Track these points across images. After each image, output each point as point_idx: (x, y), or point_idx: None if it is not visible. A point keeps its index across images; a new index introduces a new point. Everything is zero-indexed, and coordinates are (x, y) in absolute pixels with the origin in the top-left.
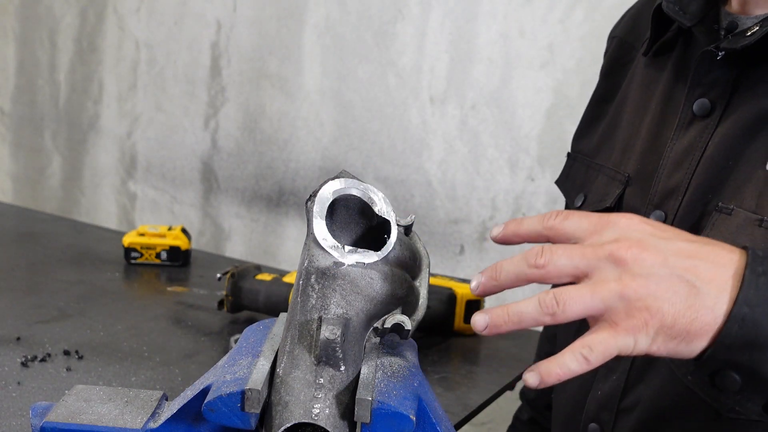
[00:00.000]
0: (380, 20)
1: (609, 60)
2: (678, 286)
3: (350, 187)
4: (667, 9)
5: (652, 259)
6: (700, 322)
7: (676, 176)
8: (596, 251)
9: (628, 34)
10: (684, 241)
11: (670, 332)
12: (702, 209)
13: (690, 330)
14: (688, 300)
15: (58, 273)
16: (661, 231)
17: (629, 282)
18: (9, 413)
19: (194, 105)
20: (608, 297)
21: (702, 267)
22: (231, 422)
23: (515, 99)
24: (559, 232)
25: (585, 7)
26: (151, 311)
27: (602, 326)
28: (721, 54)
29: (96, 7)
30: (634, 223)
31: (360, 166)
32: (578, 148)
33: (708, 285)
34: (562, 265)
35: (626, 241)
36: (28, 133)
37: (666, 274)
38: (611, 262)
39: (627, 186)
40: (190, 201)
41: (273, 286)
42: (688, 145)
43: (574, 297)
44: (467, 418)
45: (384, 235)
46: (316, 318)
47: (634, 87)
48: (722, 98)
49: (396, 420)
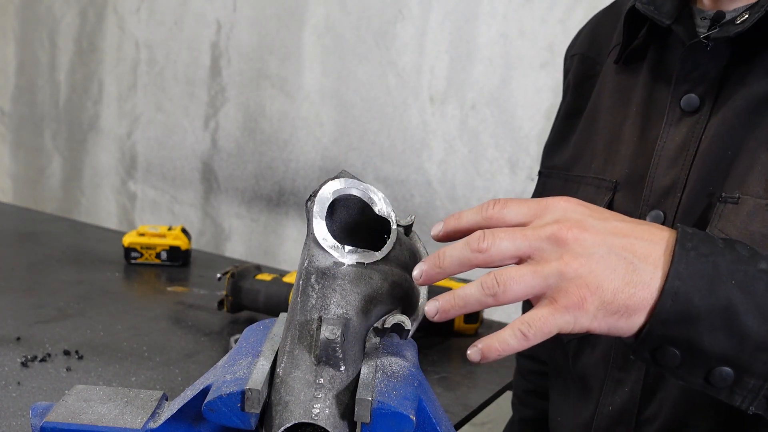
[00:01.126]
0: (380, 20)
1: (574, 77)
2: (616, 264)
3: (350, 187)
4: (643, 10)
5: (591, 239)
6: (637, 297)
7: (671, 174)
8: (537, 233)
9: (588, 50)
10: (619, 221)
11: (610, 307)
12: (705, 203)
13: (629, 305)
14: (626, 276)
15: (58, 273)
16: (599, 213)
17: (570, 261)
18: (9, 413)
19: (194, 105)
20: (549, 276)
21: (638, 244)
22: (231, 422)
23: (515, 99)
24: (499, 221)
25: (585, 7)
26: (151, 311)
27: (542, 304)
28: (711, 44)
29: (96, 7)
30: (572, 206)
31: (360, 166)
32: (551, 164)
33: (644, 261)
34: (505, 248)
35: (566, 222)
36: (28, 133)
37: (605, 252)
38: (552, 242)
39: (615, 192)
40: (190, 201)
41: (273, 286)
42: (681, 141)
43: (515, 277)
44: (467, 418)
45: (384, 235)
46: (316, 318)
47: (605, 95)
48: (711, 91)
49: (396, 420)
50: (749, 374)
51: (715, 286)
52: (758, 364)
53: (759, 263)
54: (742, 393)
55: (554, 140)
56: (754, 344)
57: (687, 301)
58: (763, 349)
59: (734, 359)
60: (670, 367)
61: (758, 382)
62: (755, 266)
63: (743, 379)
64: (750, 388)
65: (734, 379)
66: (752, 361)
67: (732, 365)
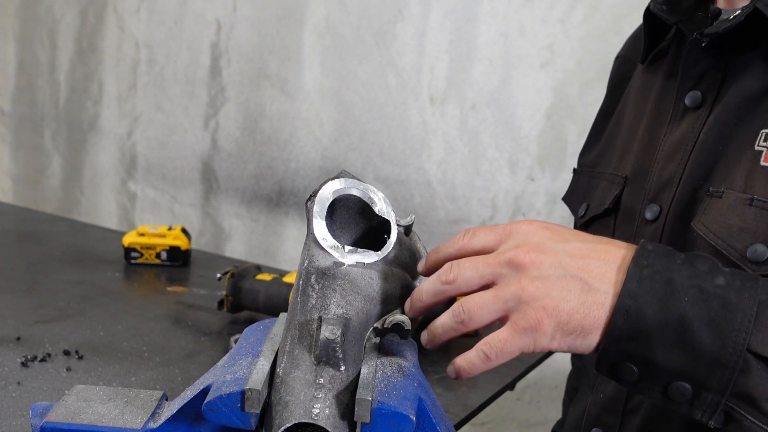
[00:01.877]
0: (380, 20)
1: (612, 77)
2: (572, 285)
3: (350, 187)
4: (654, 9)
5: (548, 262)
6: (592, 317)
7: (670, 168)
8: (498, 258)
9: (629, 52)
10: (579, 242)
11: (566, 328)
12: (695, 196)
13: (584, 325)
14: (581, 297)
15: (58, 273)
16: (559, 234)
17: (527, 285)
18: (9, 413)
19: (194, 105)
20: (508, 300)
21: (593, 264)
22: (231, 422)
23: (515, 99)
24: (470, 250)
25: (585, 7)
26: (151, 311)
27: (504, 327)
28: (706, 40)
29: (96, 7)
30: (534, 229)
31: (360, 166)
32: (582, 161)
33: (599, 281)
34: (470, 277)
35: (525, 246)
36: (28, 133)
37: (561, 274)
38: (512, 267)
39: (624, 187)
40: (190, 201)
41: (273, 286)
42: (681, 136)
43: (478, 303)
44: (467, 418)
45: (384, 235)
46: (316, 318)
47: (632, 95)
48: (712, 88)
49: (396, 420)
50: (706, 389)
51: (668, 303)
52: (714, 380)
53: (716, 279)
54: (701, 407)
55: (589, 140)
56: (709, 360)
57: (638, 318)
58: (718, 364)
59: (690, 374)
60: (629, 381)
61: (716, 396)
62: (712, 282)
63: (701, 395)
64: (708, 402)
65: (692, 393)
66: (708, 376)
67: (688, 380)
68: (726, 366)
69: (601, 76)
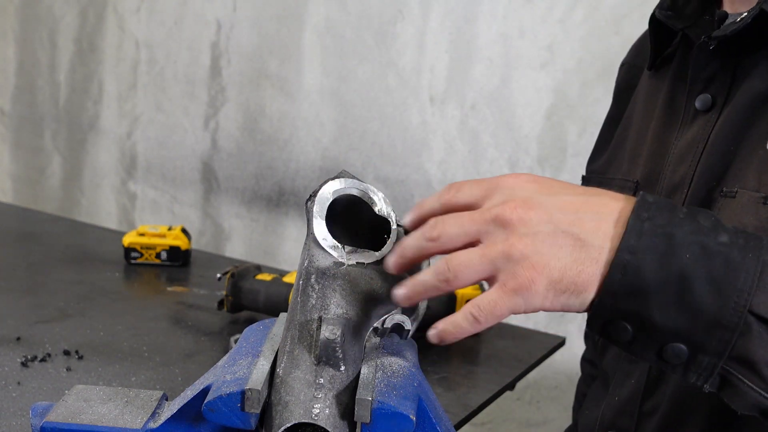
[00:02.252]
0: (380, 20)
1: (618, 85)
2: (563, 241)
3: (350, 187)
4: (659, 15)
5: (537, 218)
6: (586, 273)
7: (680, 170)
8: (483, 215)
9: (635, 58)
10: (570, 195)
11: (559, 286)
12: (708, 197)
13: (577, 282)
14: (573, 253)
15: (58, 273)
16: (548, 187)
17: (515, 242)
18: (9, 413)
19: (194, 105)
20: (496, 259)
21: (586, 218)
22: (231, 422)
23: (515, 99)
24: (455, 205)
25: (585, 7)
26: (151, 311)
27: (493, 287)
28: (714, 44)
29: (96, 7)
30: (521, 182)
31: (360, 166)
32: (591, 168)
33: (593, 236)
34: (454, 234)
35: (512, 202)
36: (28, 133)
37: (551, 230)
38: (498, 224)
39: (636, 192)
40: (190, 201)
41: (273, 286)
42: (691, 139)
43: (464, 262)
44: (467, 418)
45: (384, 235)
46: (316, 318)
47: (639, 101)
48: (722, 90)
49: (396, 420)
50: (703, 351)
51: (668, 259)
52: (712, 341)
53: (720, 236)
54: (697, 371)
55: (597, 147)
56: (708, 320)
57: (637, 274)
58: (718, 325)
59: (687, 335)
60: (623, 341)
61: (712, 359)
62: (715, 238)
63: (697, 357)
64: (704, 365)
65: (688, 356)
66: (706, 337)
67: (685, 342)
68: (726, 327)
69: (601, 76)
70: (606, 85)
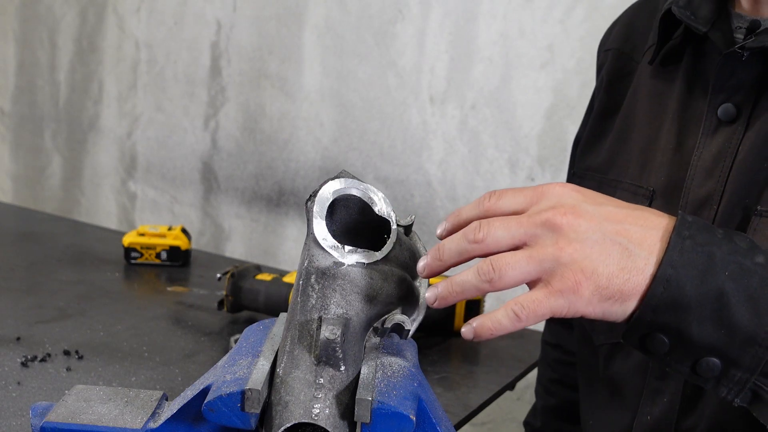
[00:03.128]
0: (380, 20)
1: (608, 73)
2: (611, 249)
3: (350, 187)
4: (679, 15)
5: (586, 225)
6: (632, 282)
7: (708, 185)
8: (532, 219)
9: (623, 45)
10: (614, 206)
11: (605, 293)
12: (741, 215)
13: (623, 290)
14: (620, 262)
15: (58, 273)
16: (593, 197)
17: (565, 246)
18: (9, 413)
19: (194, 105)
20: (544, 260)
21: (633, 230)
22: (231, 422)
23: (515, 99)
24: (496, 212)
25: (585, 7)
26: (151, 311)
27: (538, 287)
28: (746, 54)
29: (96, 7)
30: (567, 191)
31: (360, 166)
32: (586, 164)
33: (639, 247)
34: (500, 237)
35: (561, 208)
36: (28, 133)
37: (599, 237)
38: (547, 228)
39: (652, 200)
40: (190, 201)
41: (273, 286)
42: (717, 152)
43: (510, 263)
44: (467, 418)
45: (384, 235)
46: (316, 318)
47: (641, 98)
48: (748, 101)
49: (396, 420)
50: (736, 366)
51: (708, 276)
52: (746, 357)
53: (756, 256)
54: (728, 385)
55: (588, 140)
56: (744, 337)
57: (678, 289)
58: (752, 342)
59: (722, 350)
60: (659, 354)
61: (745, 374)
62: (752, 259)
63: (730, 371)
64: (736, 380)
65: (721, 370)
66: (740, 353)
67: (720, 356)
68: (760, 344)
69: None
70: None
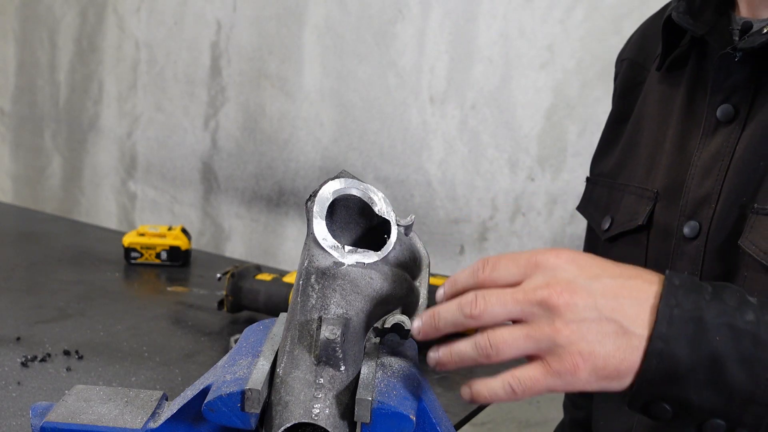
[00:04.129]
0: (380, 20)
1: (621, 82)
2: (607, 328)
3: (350, 187)
4: (678, 20)
5: (582, 303)
6: (628, 361)
7: (707, 184)
8: (528, 297)
9: (637, 55)
10: (609, 278)
11: (602, 373)
12: (738, 213)
13: (620, 369)
14: (616, 341)
15: (58, 273)
16: (588, 269)
17: (562, 328)
18: (9, 413)
19: (194, 105)
20: (541, 341)
21: (627, 305)
22: (231, 422)
23: (515, 99)
24: (491, 283)
25: (585, 7)
26: (151, 311)
27: (536, 365)
28: (739, 55)
29: (96, 7)
30: (562, 263)
31: (360, 166)
32: (597, 170)
33: (633, 324)
34: (497, 314)
35: (557, 286)
36: (28, 133)
37: (596, 317)
38: (544, 308)
39: (656, 202)
40: (190, 201)
41: (273, 286)
42: (715, 151)
43: (507, 340)
44: (467, 418)
45: (384, 235)
46: (316, 318)
47: (650, 104)
48: (745, 101)
49: (396, 420)
50: (741, 425)
51: (699, 343)
52: (748, 416)
53: (746, 314)
54: None
55: (602, 148)
56: (743, 397)
57: (671, 360)
58: (752, 401)
59: (724, 413)
60: (663, 419)
61: None
62: (742, 317)
63: (736, 430)
64: None
65: (726, 429)
66: (742, 413)
67: (723, 417)
68: (759, 403)
69: (601, 76)
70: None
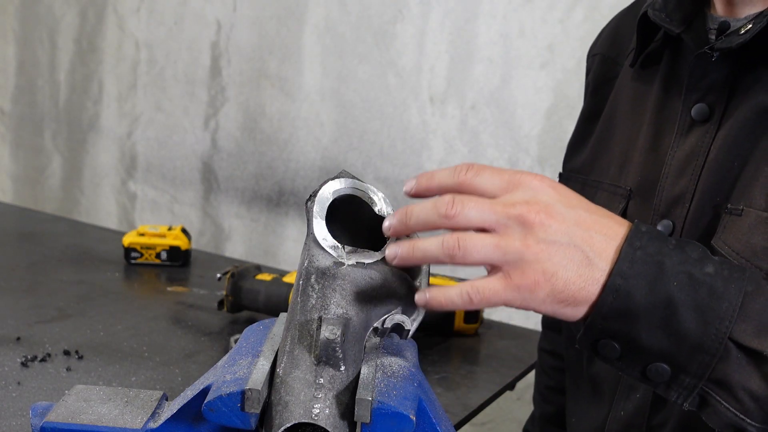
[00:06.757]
0: (380, 20)
1: (594, 78)
2: (574, 255)
3: (350, 187)
4: (654, 17)
5: (556, 226)
6: (586, 291)
7: (681, 183)
8: (506, 210)
9: (609, 50)
10: (584, 211)
11: (559, 296)
12: (712, 213)
13: (577, 297)
14: (579, 269)
15: (58, 273)
16: (567, 198)
17: (532, 245)
18: (9, 413)
19: (194, 105)
20: (510, 253)
21: (596, 239)
22: (231, 422)
23: (515, 99)
24: (471, 187)
25: (585, 7)
26: (151, 311)
27: (497, 276)
28: (716, 55)
29: (96, 7)
30: (544, 187)
31: (360, 166)
32: (570, 167)
33: (599, 257)
34: (472, 217)
35: (536, 205)
36: (28, 133)
37: (566, 242)
38: (519, 222)
39: (630, 200)
40: (190, 201)
41: (273, 286)
42: (690, 150)
43: (477, 245)
44: (467, 418)
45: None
46: (316, 318)
47: (623, 101)
48: (720, 101)
49: (396, 420)
50: (685, 372)
51: (657, 285)
52: (694, 364)
53: (706, 266)
54: (678, 390)
55: (574, 143)
56: (691, 344)
57: (627, 298)
58: (700, 349)
59: (671, 357)
60: (610, 358)
61: (693, 380)
62: (702, 269)
63: (679, 377)
64: (685, 385)
65: (670, 375)
66: (688, 360)
67: (669, 362)
68: (707, 352)
69: None
70: None
